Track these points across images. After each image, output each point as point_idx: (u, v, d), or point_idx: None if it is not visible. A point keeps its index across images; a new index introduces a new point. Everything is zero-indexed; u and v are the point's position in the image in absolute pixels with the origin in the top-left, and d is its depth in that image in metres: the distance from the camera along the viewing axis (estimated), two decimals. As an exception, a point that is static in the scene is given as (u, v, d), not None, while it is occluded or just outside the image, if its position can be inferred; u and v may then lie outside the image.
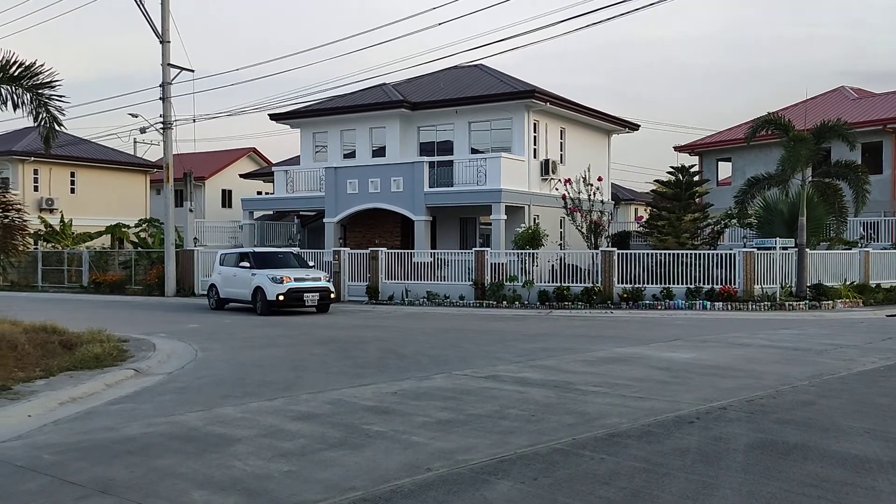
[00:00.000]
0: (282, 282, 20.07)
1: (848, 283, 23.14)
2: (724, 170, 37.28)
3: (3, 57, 10.40)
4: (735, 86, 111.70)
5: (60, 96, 10.97)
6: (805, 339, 14.57)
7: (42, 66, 10.64)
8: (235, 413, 8.07)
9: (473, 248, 25.09)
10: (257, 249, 23.11)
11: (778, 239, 22.20)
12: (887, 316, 19.46)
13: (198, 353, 12.95)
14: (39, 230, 35.55)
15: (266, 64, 64.90)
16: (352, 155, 31.08)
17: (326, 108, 30.98)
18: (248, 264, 21.14)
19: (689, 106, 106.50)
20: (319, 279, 21.10)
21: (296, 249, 25.35)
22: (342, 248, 26.71)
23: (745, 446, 6.58)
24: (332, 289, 21.29)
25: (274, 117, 31.91)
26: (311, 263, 23.21)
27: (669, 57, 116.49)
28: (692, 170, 26.69)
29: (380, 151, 30.40)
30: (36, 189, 39.26)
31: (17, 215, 10.88)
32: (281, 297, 19.87)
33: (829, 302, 21.57)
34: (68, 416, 8.08)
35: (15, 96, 10.75)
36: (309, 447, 6.64)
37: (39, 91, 10.71)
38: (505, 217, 25.83)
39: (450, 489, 5.45)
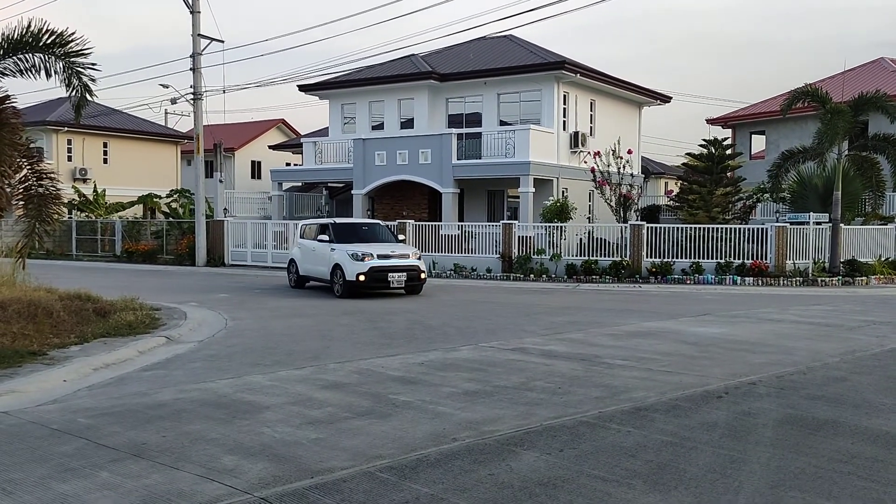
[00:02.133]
0: (363, 259, 17.20)
1: (883, 259, 22.73)
2: (758, 143, 36.60)
3: (36, 26, 10.50)
4: (770, 57, 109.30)
5: (92, 65, 11.05)
6: (837, 315, 14.37)
7: (73, 34, 10.72)
8: (264, 381, 8.18)
9: (501, 221, 25.02)
10: (338, 221, 20.06)
11: (812, 214, 21.83)
12: (923, 293, 19.10)
13: (228, 321, 13.12)
14: (73, 200, 36.10)
15: (295, 35, 65.06)
16: (380, 126, 31.02)
17: (355, 80, 30.90)
18: (327, 238, 18.36)
19: (723, 78, 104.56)
20: (407, 256, 17.94)
21: (384, 222, 21.94)
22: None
23: (774, 422, 6.52)
24: (423, 267, 18.17)
25: (303, 88, 31.92)
26: (401, 237, 20.42)
27: (702, 27, 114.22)
28: (725, 143, 26.24)
29: (408, 123, 30.30)
30: (70, 159, 39.82)
31: (51, 184, 11.04)
32: (362, 278, 17.07)
33: (863, 278, 21.22)
34: (102, 382, 8.24)
35: (48, 65, 10.86)
36: (336, 415, 6.72)
37: (71, 60, 10.79)
38: (533, 190, 25.69)
39: (476, 459, 5.48)
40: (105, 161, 41.37)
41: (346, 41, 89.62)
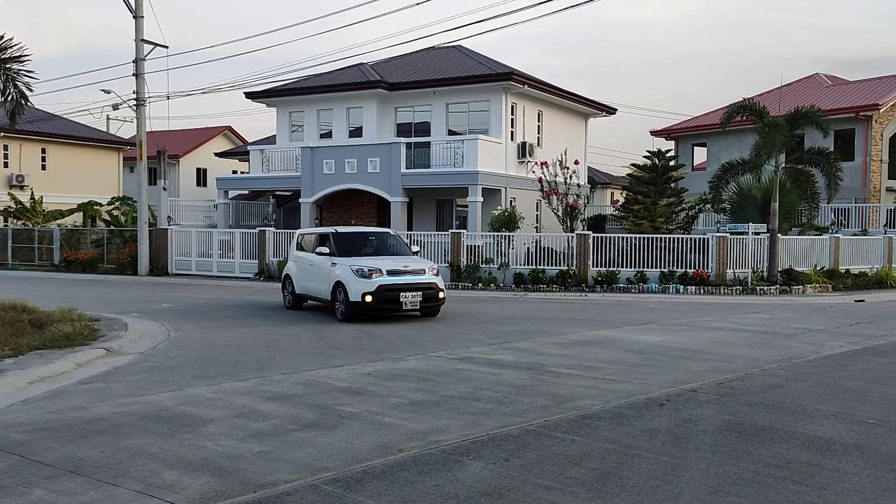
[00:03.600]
0: (370, 276, 14.42)
1: (818, 268, 23.47)
2: (700, 155, 37.54)
3: (-30, 29, 10.19)
4: (712, 71, 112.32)
5: (29, 71, 10.76)
6: (775, 323, 14.78)
7: (10, 39, 10.41)
8: (208, 393, 8.03)
9: (450, 230, 25.08)
10: (340, 229, 17.01)
11: (751, 224, 22.43)
12: (855, 301, 19.79)
13: (170, 332, 12.85)
14: (9, 207, 34.95)
15: (242, 41, 64.25)
16: (328, 135, 30.85)
17: (303, 87, 30.68)
18: (327, 250, 15.69)
19: (667, 91, 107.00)
20: (423, 271, 15.10)
21: (393, 230, 18.14)
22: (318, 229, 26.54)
23: (713, 428, 6.67)
24: (442, 285, 15.41)
25: (250, 95, 31.53)
26: (415, 248, 17.39)
27: (647, 41, 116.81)
28: (668, 154, 26.83)
29: (357, 132, 30.20)
30: (6, 165, 38.54)
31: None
32: (368, 298, 14.30)
33: (800, 287, 21.88)
34: (37, 396, 7.99)
35: (-18, 70, 10.52)
36: (281, 428, 6.63)
37: (7, 66, 10.47)
38: (482, 199, 25.83)
39: (421, 470, 5.48)
40: (43, 167, 40.14)
41: (294, 49, 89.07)
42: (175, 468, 5.50)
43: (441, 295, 15.25)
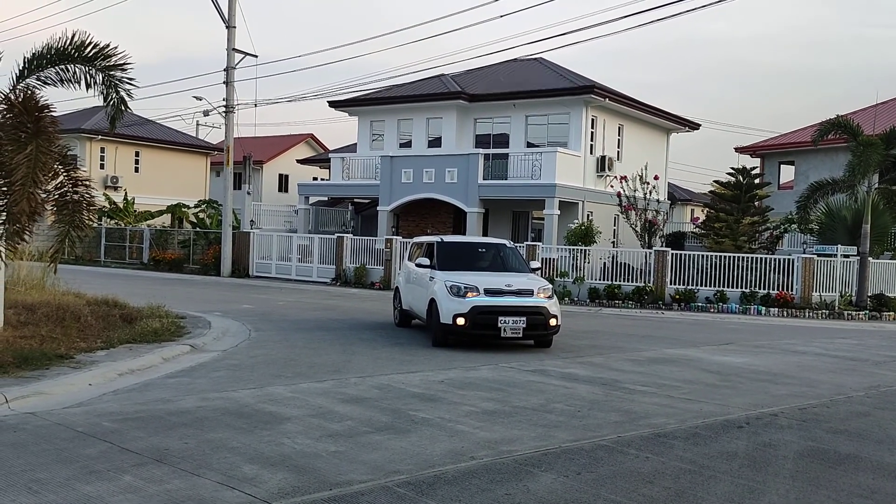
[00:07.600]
0: (464, 295, 12.14)
1: (911, 294, 22.40)
2: (787, 173, 36.32)
3: (79, 38, 10.73)
4: (801, 88, 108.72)
5: (131, 79, 11.22)
6: (863, 349, 14.18)
7: (116, 48, 10.92)
8: (286, 392, 8.26)
9: (525, 243, 25.02)
10: (447, 239, 14.64)
11: (839, 246, 21.61)
12: (952, 330, 18.78)
13: (251, 332, 13.25)
14: (104, 207, 36.64)
15: (327, 51, 65.89)
16: (408, 144, 31.26)
17: (384, 97, 31.21)
18: (427, 261, 13.55)
19: (753, 107, 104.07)
20: (530, 292, 12.40)
21: (510, 242, 15.14)
22: (394, 237, 26.92)
23: (794, 454, 6.47)
24: (555, 310, 12.57)
25: (332, 104, 32.28)
26: (534, 265, 14.54)
27: (733, 56, 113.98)
28: (753, 172, 26.10)
29: (436, 142, 30.50)
30: (102, 167, 40.50)
31: (86, 191, 11.20)
32: (460, 321, 12.03)
33: (890, 313, 20.94)
34: (127, 387, 8.38)
35: (88, 76, 11.07)
36: (356, 429, 6.77)
37: (111, 72, 10.97)
38: (558, 212, 25.70)
39: (493, 478, 5.50)
40: (136, 170, 42.03)
41: (376, 59, 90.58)
42: (254, 462, 5.70)
43: (553, 322, 12.44)
